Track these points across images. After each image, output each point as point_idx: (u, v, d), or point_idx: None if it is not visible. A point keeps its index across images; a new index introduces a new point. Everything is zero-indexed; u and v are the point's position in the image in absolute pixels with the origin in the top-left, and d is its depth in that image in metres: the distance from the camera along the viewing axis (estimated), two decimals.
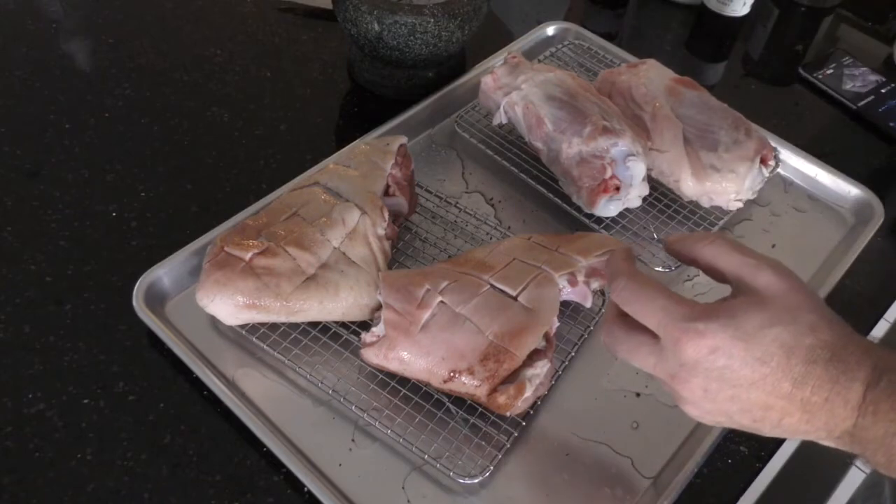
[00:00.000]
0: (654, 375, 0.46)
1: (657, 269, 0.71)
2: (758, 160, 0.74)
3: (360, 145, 0.73)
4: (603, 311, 0.68)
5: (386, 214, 0.66)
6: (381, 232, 0.65)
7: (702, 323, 0.42)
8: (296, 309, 0.61)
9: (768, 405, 0.42)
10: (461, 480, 0.57)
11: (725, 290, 0.47)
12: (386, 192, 0.68)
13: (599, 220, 0.74)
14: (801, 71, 0.96)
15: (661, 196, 0.77)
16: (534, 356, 0.58)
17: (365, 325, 0.64)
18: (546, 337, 0.59)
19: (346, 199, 0.66)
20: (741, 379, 0.42)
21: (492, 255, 0.64)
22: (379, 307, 0.62)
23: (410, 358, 0.58)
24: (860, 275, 0.74)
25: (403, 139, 0.73)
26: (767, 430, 0.44)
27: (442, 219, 0.74)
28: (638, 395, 0.64)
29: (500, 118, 0.78)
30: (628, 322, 0.47)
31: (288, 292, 0.60)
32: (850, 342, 0.42)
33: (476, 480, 0.57)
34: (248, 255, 0.61)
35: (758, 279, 0.44)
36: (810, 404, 0.41)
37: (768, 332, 0.42)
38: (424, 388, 0.61)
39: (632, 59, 0.90)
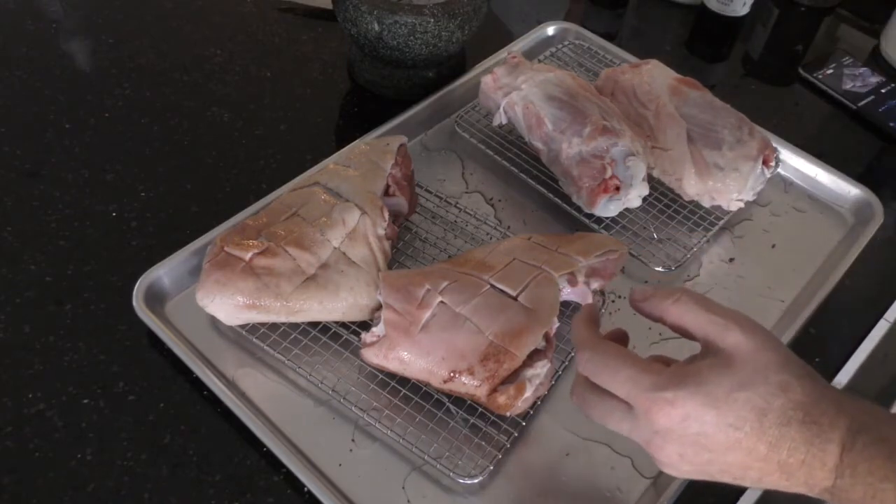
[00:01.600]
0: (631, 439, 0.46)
1: (657, 268, 0.71)
2: (760, 160, 0.74)
3: (359, 145, 0.73)
4: (603, 310, 0.68)
5: (386, 214, 0.66)
6: (381, 232, 0.65)
7: (670, 392, 0.42)
8: (296, 309, 0.61)
9: (746, 466, 0.42)
10: (461, 480, 0.57)
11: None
12: (386, 193, 0.68)
13: (599, 220, 0.74)
14: (800, 71, 0.96)
15: (661, 196, 0.77)
16: (534, 356, 0.58)
17: (365, 325, 0.64)
18: (546, 337, 0.59)
19: (346, 198, 0.66)
20: (716, 444, 0.42)
21: (492, 255, 0.64)
22: (379, 307, 0.62)
23: (411, 358, 0.58)
24: (860, 275, 0.74)
25: (403, 139, 0.73)
26: (749, 484, 0.44)
27: (442, 219, 0.74)
28: None
29: (500, 118, 0.78)
30: (599, 387, 0.46)
31: (288, 292, 0.60)
32: (822, 399, 0.41)
33: (476, 480, 0.57)
34: (248, 255, 0.61)
35: (726, 340, 0.43)
36: (787, 465, 0.41)
37: (739, 395, 0.41)
38: (424, 389, 0.61)
39: (632, 59, 0.90)
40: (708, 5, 1.00)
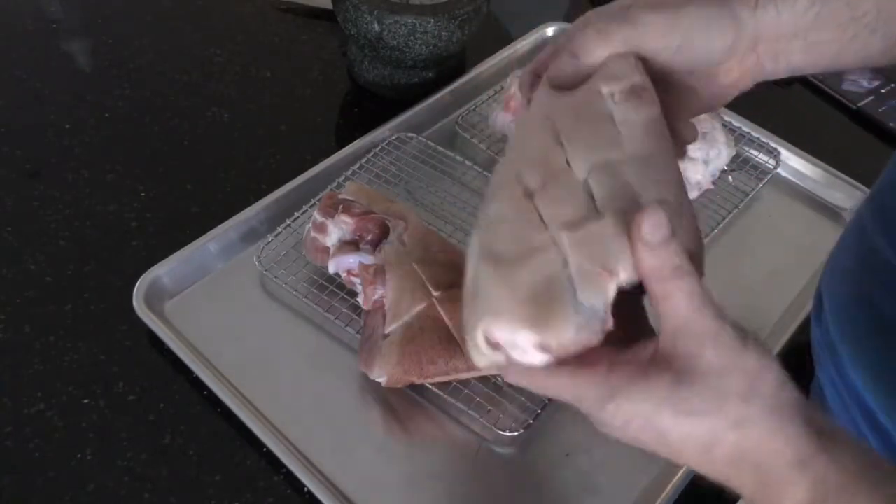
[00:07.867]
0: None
1: None
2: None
3: None
4: None
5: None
6: None
7: (612, 404, 0.39)
8: None
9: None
10: (501, 432, 0.58)
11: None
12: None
13: None
14: None
15: None
16: None
17: None
18: None
19: None
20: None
21: None
22: None
23: None
24: None
25: None
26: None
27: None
28: None
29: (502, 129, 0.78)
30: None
31: None
32: (786, 449, 0.35)
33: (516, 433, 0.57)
34: None
35: (695, 354, 0.36)
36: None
37: (685, 423, 0.36)
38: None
39: None
40: None
